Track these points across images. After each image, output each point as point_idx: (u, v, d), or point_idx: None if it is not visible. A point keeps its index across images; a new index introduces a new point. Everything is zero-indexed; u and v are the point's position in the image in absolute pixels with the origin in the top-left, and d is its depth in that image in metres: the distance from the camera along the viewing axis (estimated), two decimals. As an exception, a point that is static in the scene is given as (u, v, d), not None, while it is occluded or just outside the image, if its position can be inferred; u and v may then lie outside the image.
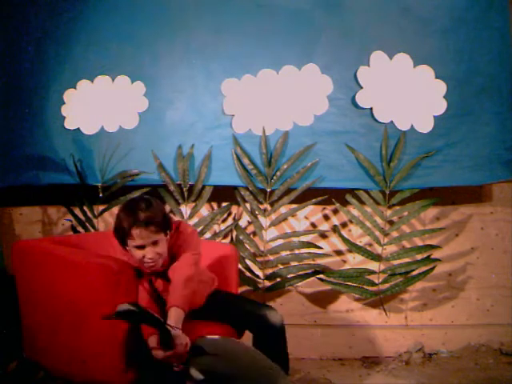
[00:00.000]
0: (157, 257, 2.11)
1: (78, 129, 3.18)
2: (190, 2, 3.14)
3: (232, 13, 3.12)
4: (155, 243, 2.10)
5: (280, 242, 3.16)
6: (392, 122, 3.08)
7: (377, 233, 3.13)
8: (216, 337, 2.11)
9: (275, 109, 3.10)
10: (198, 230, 3.09)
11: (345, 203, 3.14)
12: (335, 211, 3.27)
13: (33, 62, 3.19)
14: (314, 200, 3.10)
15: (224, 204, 3.23)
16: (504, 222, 3.31)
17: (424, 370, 2.96)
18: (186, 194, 3.11)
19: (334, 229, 3.23)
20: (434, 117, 3.07)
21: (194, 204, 3.15)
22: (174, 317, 1.99)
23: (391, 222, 3.17)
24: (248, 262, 3.18)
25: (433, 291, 3.31)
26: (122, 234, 2.10)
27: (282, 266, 3.19)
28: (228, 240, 3.21)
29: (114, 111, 3.17)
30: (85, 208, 3.19)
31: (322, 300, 3.30)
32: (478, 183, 3.16)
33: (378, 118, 3.07)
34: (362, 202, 3.13)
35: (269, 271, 3.18)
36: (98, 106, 3.17)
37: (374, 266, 3.15)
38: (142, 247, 2.08)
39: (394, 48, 3.06)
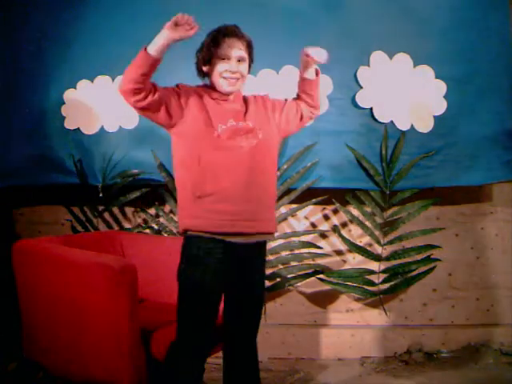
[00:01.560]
0: (238, 74, 2.02)
1: (78, 129, 3.18)
2: (190, 2, 3.14)
3: (232, 13, 3.10)
4: (240, 60, 2.03)
5: (280, 241, 3.16)
6: (392, 121, 3.08)
7: (377, 233, 3.13)
8: None
9: (275, 109, 3.10)
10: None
11: (345, 203, 3.14)
12: (335, 211, 3.27)
13: (33, 62, 3.19)
14: (314, 200, 3.10)
15: (224, 204, 3.23)
16: (504, 222, 3.31)
17: (424, 370, 2.96)
18: (186, 193, 3.11)
19: (334, 229, 3.23)
20: (434, 117, 3.07)
21: (194, 204, 3.15)
22: None
23: (391, 222, 3.17)
24: (248, 261, 3.18)
25: (433, 291, 3.31)
26: (208, 46, 2.05)
27: (281, 266, 3.19)
28: (228, 240, 3.21)
29: (114, 111, 3.16)
30: (85, 208, 3.19)
31: (321, 300, 3.30)
32: (477, 183, 3.16)
33: (378, 118, 3.07)
34: (361, 202, 3.13)
35: (269, 271, 3.17)
36: (98, 106, 3.17)
37: (374, 266, 3.15)
38: (227, 59, 2.01)
39: (394, 48, 3.06)
